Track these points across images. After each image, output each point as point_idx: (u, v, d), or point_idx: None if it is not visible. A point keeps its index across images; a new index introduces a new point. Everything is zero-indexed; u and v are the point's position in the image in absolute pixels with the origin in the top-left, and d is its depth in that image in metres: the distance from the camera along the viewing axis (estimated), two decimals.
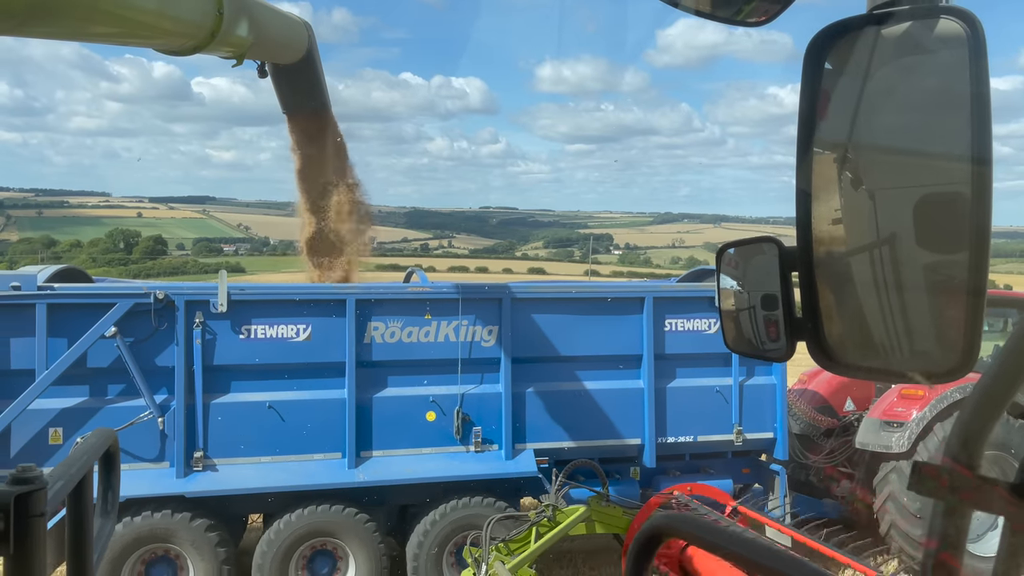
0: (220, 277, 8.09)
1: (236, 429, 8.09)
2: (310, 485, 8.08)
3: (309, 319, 8.30)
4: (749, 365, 9.45)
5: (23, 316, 7.59)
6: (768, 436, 9.50)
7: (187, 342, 7.94)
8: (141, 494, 7.70)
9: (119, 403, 7.86)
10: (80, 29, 5.01)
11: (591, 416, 8.96)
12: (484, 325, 8.74)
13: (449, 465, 8.51)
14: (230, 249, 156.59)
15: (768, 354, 1.56)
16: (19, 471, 1.34)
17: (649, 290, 9.24)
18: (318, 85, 9.45)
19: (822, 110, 1.32)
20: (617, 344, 9.08)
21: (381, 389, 8.53)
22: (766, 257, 1.52)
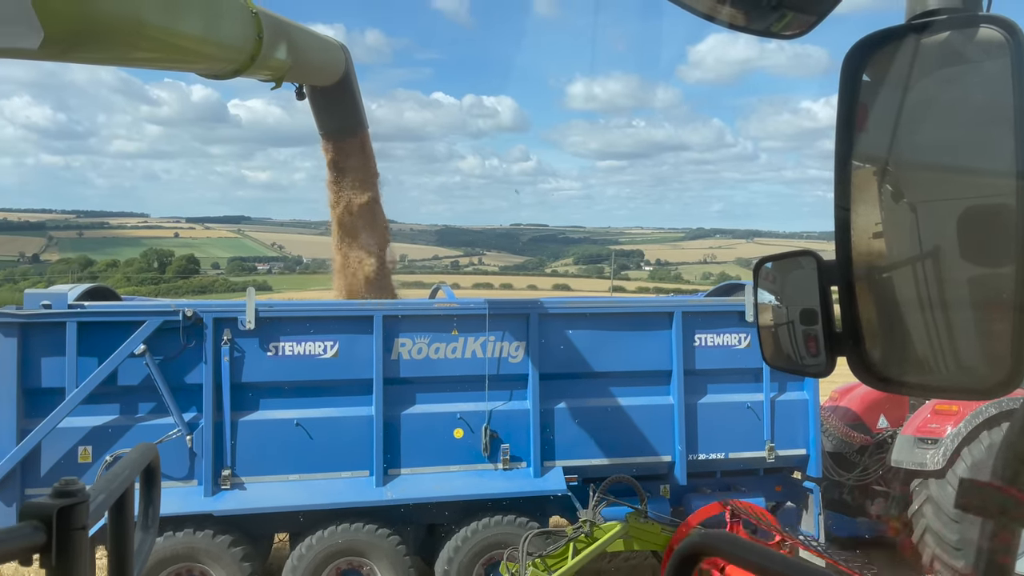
0: (248, 295, 8.13)
1: (264, 447, 8.10)
2: (338, 504, 8.05)
3: (336, 336, 8.31)
4: (781, 380, 9.28)
5: (54, 334, 7.68)
6: (801, 453, 9.30)
7: (215, 359, 7.98)
8: (170, 513, 7.71)
9: (148, 421, 7.92)
10: (124, 54, 5.10)
11: (620, 433, 8.85)
12: (512, 341, 8.68)
13: (477, 483, 8.43)
14: (264, 268, 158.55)
15: (808, 369, 1.54)
16: (62, 484, 1.36)
17: (678, 305, 9.11)
18: (355, 106, 9.52)
19: (860, 122, 1.29)
20: (646, 360, 8.96)
21: (408, 406, 8.50)
22: (804, 271, 1.50)
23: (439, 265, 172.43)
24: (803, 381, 9.31)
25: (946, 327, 1.24)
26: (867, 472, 10.31)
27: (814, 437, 9.28)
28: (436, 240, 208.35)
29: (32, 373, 7.66)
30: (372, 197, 9.90)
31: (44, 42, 3.72)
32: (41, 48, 3.75)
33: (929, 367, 1.27)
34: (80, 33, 4.15)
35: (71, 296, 7.89)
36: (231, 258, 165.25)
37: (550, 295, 10.06)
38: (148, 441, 6.93)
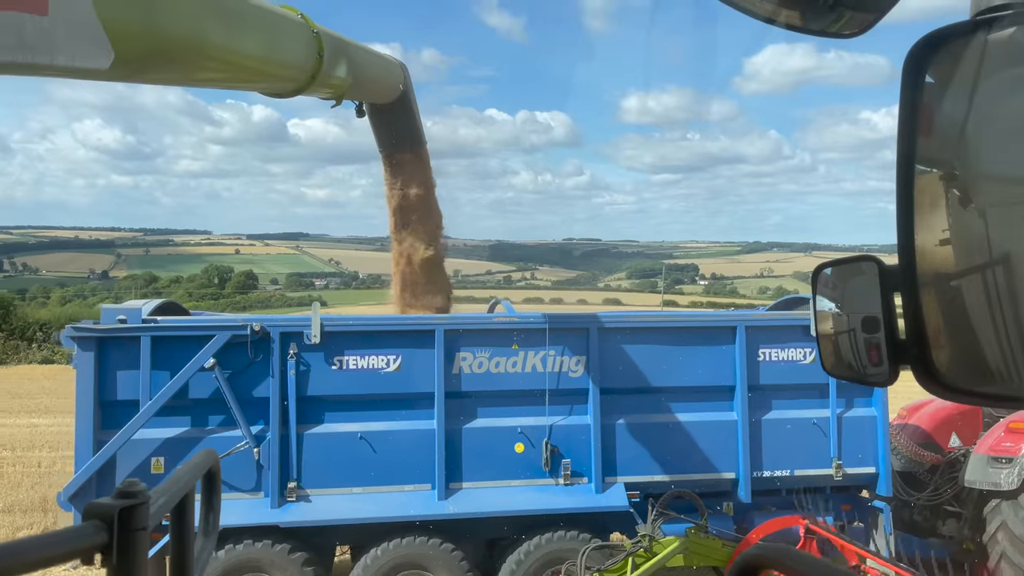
0: (313, 309, 8.28)
1: (328, 460, 8.21)
2: (401, 517, 8.11)
3: (399, 350, 8.40)
4: (847, 396, 9.08)
5: (128, 348, 7.93)
6: (870, 471, 9.07)
7: (282, 373, 8.14)
8: (237, 524, 7.87)
9: (217, 433, 8.10)
10: (190, 75, 5.29)
11: (683, 449, 8.74)
12: (572, 355, 8.67)
13: (539, 498, 8.41)
14: (321, 283, 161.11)
15: (870, 379, 1.48)
16: (124, 486, 1.40)
17: (741, 319, 8.99)
18: (414, 123, 9.65)
19: (924, 125, 1.24)
20: (709, 375, 8.85)
21: (470, 420, 8.54)
22: (865, 277, 1.46)
23: (492, 280, 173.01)
24: (871, 397, 9.09)
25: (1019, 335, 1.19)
26: (938, 492, 9.98)
27: (883, 455, 9.04)
28: (489, 255, 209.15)
29: (108, 386, 7.92)
30: (427, 189, 9.99)
31: (114, 63, 3.86)
32: (112, 69, 3.89)
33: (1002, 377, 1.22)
34: (149, 54, 4.30)
35: (144, 311, 8.14)
36: (289, 274, 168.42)
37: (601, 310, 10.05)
38: (217, 453, 7.09)
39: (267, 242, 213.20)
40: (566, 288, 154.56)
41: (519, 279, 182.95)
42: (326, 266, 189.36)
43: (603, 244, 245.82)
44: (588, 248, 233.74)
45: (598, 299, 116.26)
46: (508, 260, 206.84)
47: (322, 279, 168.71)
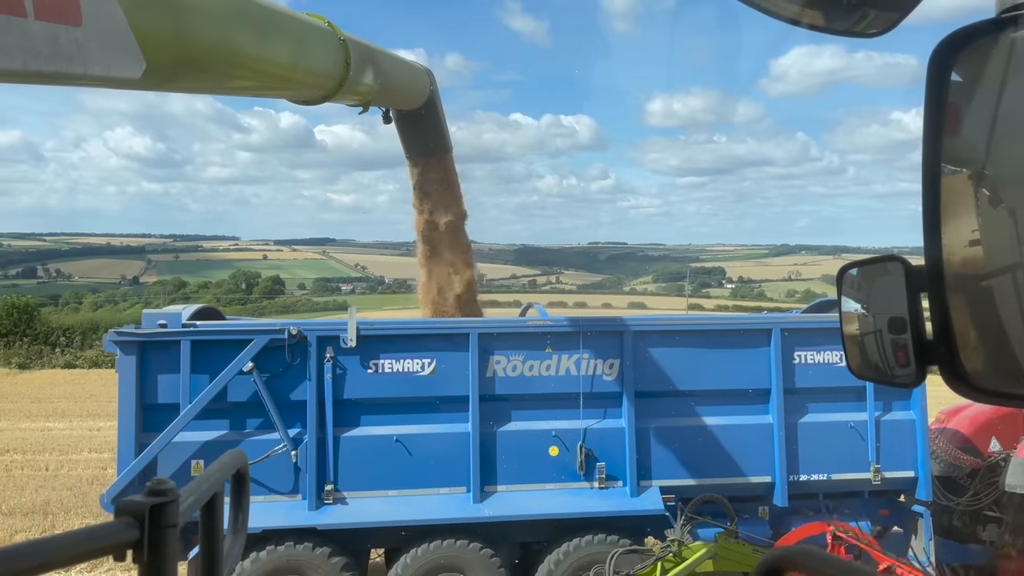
0: (350, 314, 8.35)
1: (364, 463, 8.27)
2: (438, 519, 8.15)
3: (433, 353, 8.45)
4: (885, 400, 8.98)
5: (169, 352, 8.05)
6: (908, 475, 8.96)
7: (318, 377, 8.22)
8: (276, 526, 7.96)
9: (256, 436, 8.19)
10: (220, 83, 5.37)
11: (718, 453, 8.70)
12: (605, 359, 8.66)
13: (574, 501, 8.41)
14: (347, 288, 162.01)
15: (897, 380, 1.47)
16: (154, 484, 1.43)
17: (776, 322, 8.93)
18: (440, 129, 9.70)
19: (951, 125, 1.24)
20: (744, 378, 8.81)
21: (504, 423, 8.56)
22: (891, 278, 1.44)
23: (516, 284, 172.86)
24: (910, 400, 8.99)
25: None
26: (978, 497, 9.82)
27: (923, 459, 8.92)
28: (514, 259, 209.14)
29: (149, 389, 8.04)
30: (457, 216, 10.04)
31: (146, 72, 3.93)
32: (143, 78, 3.97)
33: None
34: (179, 63, 4.38)
35: (184, 315, 8.26)
36: (316, 279, 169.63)
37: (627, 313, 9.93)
38: (256, 455, 7.16)
39: (294, 248, 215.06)
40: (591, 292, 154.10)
41: (544, 283, 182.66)
42: (352, 271, 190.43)
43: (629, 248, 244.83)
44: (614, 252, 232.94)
45: (623, 303, 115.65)
46: (533, 264, 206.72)
47: (348, 284, 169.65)
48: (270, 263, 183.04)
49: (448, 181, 10.00)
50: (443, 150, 9.89)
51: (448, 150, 9.95)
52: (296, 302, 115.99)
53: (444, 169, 9.96)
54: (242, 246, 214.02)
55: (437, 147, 9.81)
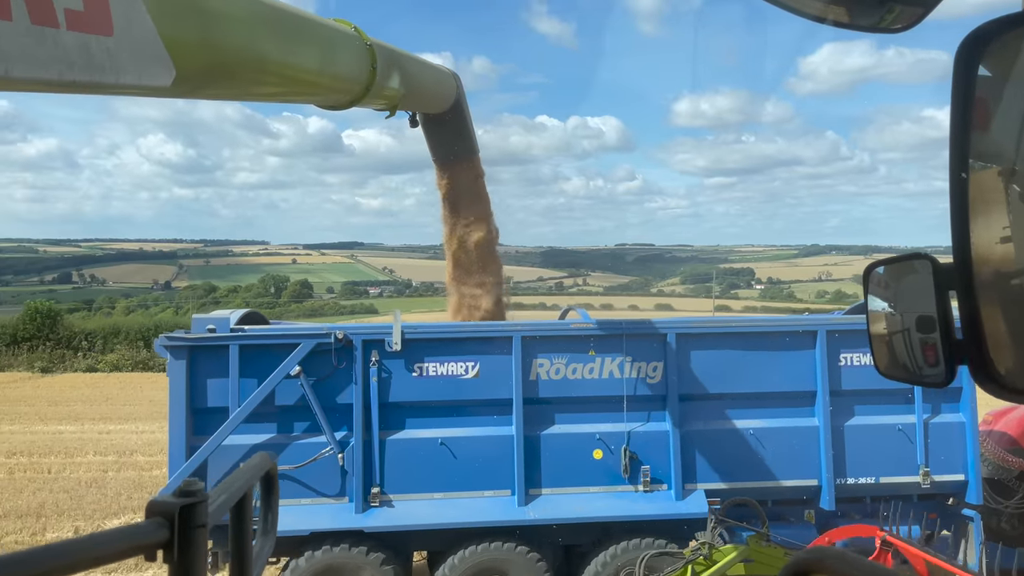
0: (395, 317, 8.41)
1: (410, 465, 8.33)
2: (483, 522, 8.18)
3: (477, 357, 8.48)
4: (934, 402, 8.86)
5: (218, 357, 8.16)
6: (958, 478, 8.83)
7: (364, 380, 8.29)
8: (323, 528, 8.04)
9: (303, 439, 8.27)
10: (249, 89, 5.43)
11: (764, 456, 8.64)
12: (649, 361, 8.64)
13: (619, 504, 8.40)
14: (375, 292, 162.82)
15: (926, 380, 1.45)
16: (184, 485, 1.44)
17: (822, 323, 8.85)
18: (467, 132, 9.71)
19: (979, 120, 1.22)
20: (789, 380, 8.74)
21: (548, 426, 8.57)
22: (919, 276, 1.42)
23: (543, 287, 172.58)
24: (959, 402, 8.87)
25: None
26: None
27: (973, 461, 8.79)
28: (541, 262, 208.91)
29: (199, 393, 8.15)
30: (487, 234, 10.02)
31: (176, 80, 3.97)
32: (174, 86, 4.00)
33: None
34: (208, 70, 4.44)
35: (232, 320, 8.36)
36: (344, 282, 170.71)
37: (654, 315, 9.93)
38: (304, 458, 7.23)
39: (323, 251, 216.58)
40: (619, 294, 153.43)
41: (571, 285, 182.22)
42: (380, 274, 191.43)
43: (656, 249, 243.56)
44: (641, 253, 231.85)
45: (649, 304, 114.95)
46: (560, 266, 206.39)
47: (376, 287, 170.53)
48: (299, 267, 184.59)
49: (475, 184, 10.02)
50: (470, 153, 9.90)
51: (475, 153, 9.97)
52: (323, 305, 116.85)
53: (471, 173, 9.98)
54: (271, 250, 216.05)
55: (464, 150, 9.82)
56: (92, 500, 14.38)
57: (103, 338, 38.95)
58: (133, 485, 15.50)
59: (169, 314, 70.51)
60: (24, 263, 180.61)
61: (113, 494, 14.77)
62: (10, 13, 2.96)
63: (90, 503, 14.18)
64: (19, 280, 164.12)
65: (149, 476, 16.23)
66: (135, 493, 14.86)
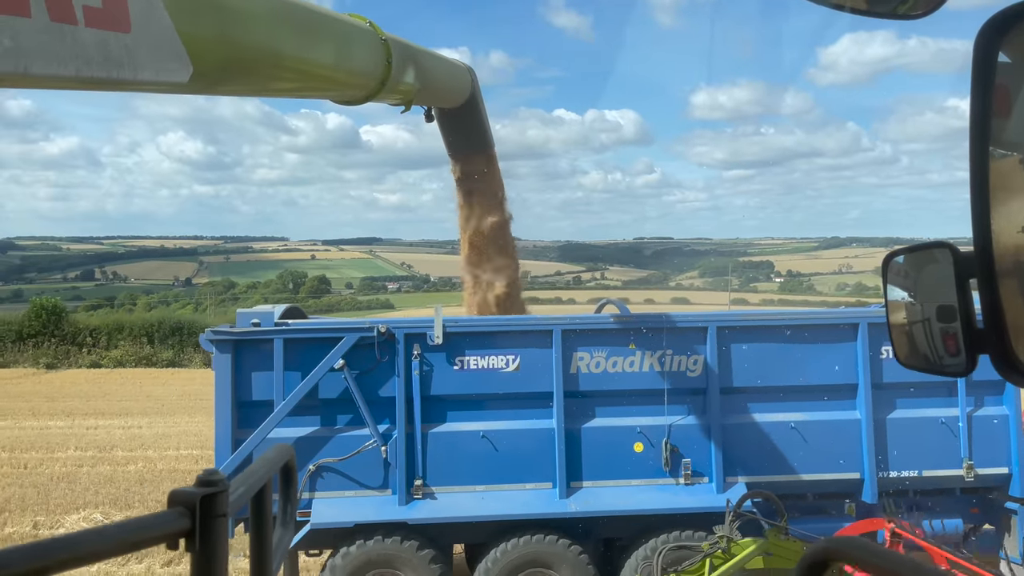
0: (436, 312, 8.45)
1: (452, 458, 8.38)
2: (525, 515, 8.21)
3: (518, 350, 8.51)
4: (977, 395, 8.80)
5: (262, 351, 8.24)
6: (1002, 471, 8.76)
7: (406, 373, 8.34)
8: (367, 520, 8.10)
9: (346, 432, 8.34)
10: (265, 85, 5.47)
11: (805, 448, 8.61)
12: (689, 355, 8.63)
13: (660, 497, 8.41)
14: (394, 287, 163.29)
15: (947, 369, 1.45)
16: (204, 475, 1.46)
17: (863, 316, 8.81)
18: (482, 127, 9.73)
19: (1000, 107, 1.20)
20: (830, 373, 8.70)
21: (588, 419, 8.59)
22: (939, 265, 1.40)
23: (560, 281, 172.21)
24: (1002, 395, 8.80)
25: None
26: None
27: (1017, 454, 8.72)
28: (558, 256, 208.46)
29: (244, 387, 8.24)
30: (501, 218, 10.04)
31: (193, 76, 4.01)
32: (191, 82, 4.04)
33: None
34: (225, 66, 4.48)
35: (276, 314, 8.44)
36: (363, 278, 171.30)
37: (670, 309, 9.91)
38: (347, 451, 7.29)
39: (342, 247, 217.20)
40: (637, 288, 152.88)
41: (589, 279, 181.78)
42: (398, 270, 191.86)
43: (675, 242, 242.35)
44: (659, 247, 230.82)
45: (666, 298, 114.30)
46: (578, 260, 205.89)
47: (395, 283, 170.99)
48: (318, 263, 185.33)
49: (491, 178, 10.04)
50: (485, 147, 9.92)
51: (490, 147, 9.98)
52: (340, 301, 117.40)
53: (487, 167, 9.99)
54: (291, 246, 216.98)
55: (479, 144, 9.84)
56: (59, 495, 14.36)
57: (107, 334, 39.28)
58: (104, 480, 15.49)
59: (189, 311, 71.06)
60: (48, 260, 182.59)
61: (81, 489, 14.79)
62: (29, 10, 2.99)
63: (56, 498, 14.16)
64: (43, 277, 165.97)
65: (123, 471, 16.22)
66: (103, 488, 14.85)
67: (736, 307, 65.42)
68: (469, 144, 9.80)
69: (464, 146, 9.82)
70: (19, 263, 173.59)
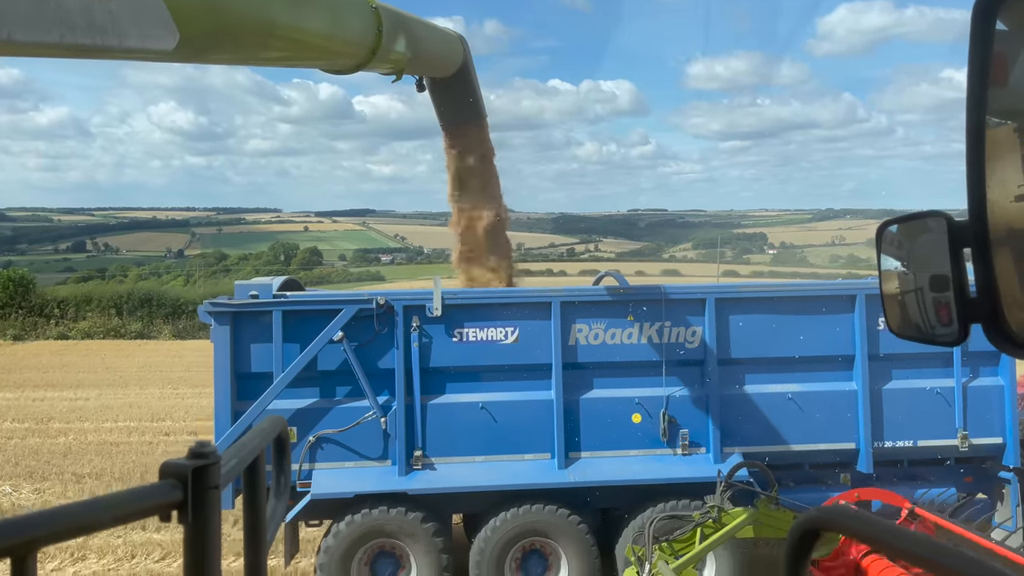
0: (435, 283, 8.45)
1: (452, 429, 8.42)
2: (525, 485, 8.28)
3: (516, 322, 8.52)
4: (972, 365, 8.87)
5: (261, 323, 8.24)
6: (996, 441, 8.85)
7: (406, 345, 8.35)
8: (367, 491, 8.16)
9: (346, 404, 8.37)
10: (254, 53, 5.38)
11: (802, 419, 8.68)
12: (687, 326, 8.66)
13: (658, 467, 8.48)
14: (387, 259, 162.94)
15: (939, 339, 1.45)
16: (196, 447, 1.45)
17: (861, 287, 8.84)
18: (474, 97, 9.65)
19: (997, 75, 1.20)
20: (827, 344, 8.75)
21: (587, 391, 8.63)
22: (933, 234, 1.40)
23: (554, 253, 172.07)
24: (997, 366, 8.87)
25: None
26: None
27: (1011, 425, 8.81)
28: (552, 228, 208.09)
29: (243, 358, 8.24)
30: (497, 216, 9.98)
31: (180, 44, 3.94)
32: (178, 50, 3.97)
33: None
34: (211, 33, 4.39)
35: (274, 286, 8.42)
36: (356, 250, 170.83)
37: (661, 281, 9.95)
38: (347, 423, 7.30)
39: (335, 219, 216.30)
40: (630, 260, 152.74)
41: (583, 251, 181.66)
42: (392, 241, 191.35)
43: (669, 214, 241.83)
44: (653, 219, 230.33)
45: (657, 270, 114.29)
46: (572, 232, 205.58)
47: (388, 254, 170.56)
48: (311, 235, 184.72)
49: (482, 148, 9.98)
50: (477, 117, 9.85)
51: (482, 117, 9.91)
52: (331, 273, 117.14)
53: (478, 136, 9.93)
54: (284, 218, 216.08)
55: (471, 114, 9.77)
56: None
57: (75, 306, 39.07)
58: (29, 452, 15.40)
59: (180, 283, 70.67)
60: (38, 232, 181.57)
61: (2, 461, 14.73)
62: None
63: None
64: (34, 249, 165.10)
65: (51, 443, 16.10)
66: (25, 460, 14.78)
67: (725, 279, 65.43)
68: (461, 114, 9.72)
69: (456, 117, 9.75)
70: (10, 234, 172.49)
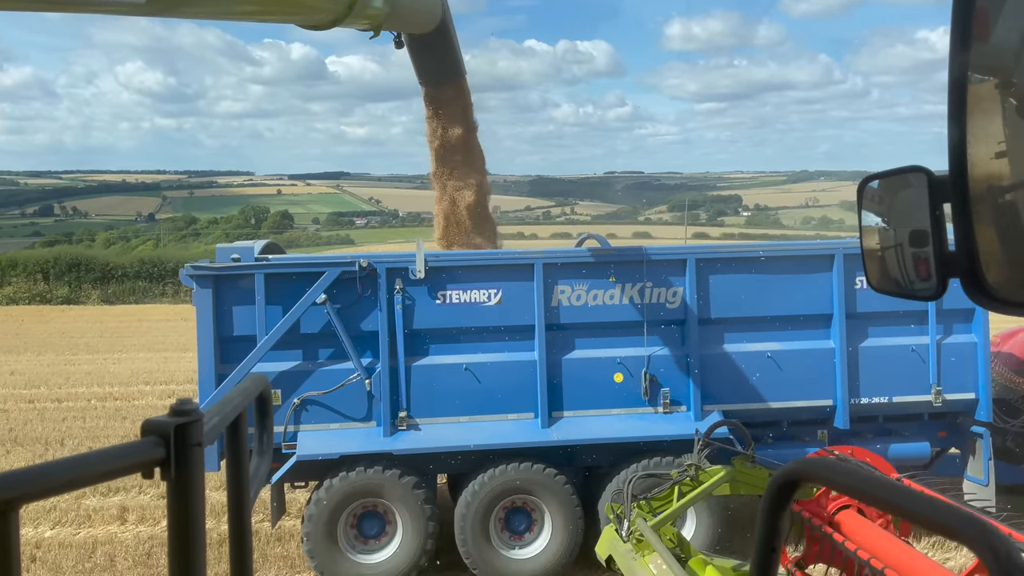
0: (418, 246, 8.44)
1: (436, 390, 8.47)
2: (509, 444, 8.37)
3: (499, 284, 8.55)
4: (947, 323, 9.05)
5: (243, 286, 8.20)
6: (969, 397, 9.07)
7: (389, 307, 8.36)
8: (352, 451, 8.21)
9: (330, 366, 8.38)
10: (227, 8, 5.21)
11: (780, 377, 8.82)
12: (668, 287, 8.74)
13: (639, 426, 8.60)
14: (361, 223, 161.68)
15: (918, 293, 1.48)
16: (178, 404, 1.44)
17: (839, 247, 8.95)
18: (453, 54, 9.56)
19: (979, 30, 1.20)
20: (806, 303, 8.87)
21: (569, 351, 8.70)
22: (914, 190, 1.42)
23: (530, 216, 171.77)
24: (971, 323, 9.05)
25: None
26: None
27: (983, 381, 9.03)
28: (528, 191, 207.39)
29: (225, 322, 8.21)
30: (468, 129, 9.95)
31: None
32: (148, 4, 3.87)
33: None
34: None
35: (256, 250, 8.37)
36: (330, 213, 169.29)
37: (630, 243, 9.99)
38: (331, 385, 7.31)
39: (308, 182, 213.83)
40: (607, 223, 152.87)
41: (559, 214, 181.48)
42: (366, 205, 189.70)
43: (645, 177, 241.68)
44: (630, 181, 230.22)
45: (628, 233, 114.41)
46: (548, 195, 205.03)
47: (363, 218, 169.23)
48: (285, 198, 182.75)
49: (462, 105, 9.92)
50: (456, 75, 9.78)
51: (461, 74, 9.84)
52: (301, 236, 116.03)
53: (458, 94, 9.87)
54: (256, 181, 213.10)
55: (450, 72, 9.69)
56: None
57: (0, 270, 38.58)
58: None
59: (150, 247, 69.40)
60: (4, 196, 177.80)
61: None
62: None
63: None
64: (0, 214, 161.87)
65: None
66: None
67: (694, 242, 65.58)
68: (440, 71, 9.63)
69: (434, 73, 9.66)
70: None
